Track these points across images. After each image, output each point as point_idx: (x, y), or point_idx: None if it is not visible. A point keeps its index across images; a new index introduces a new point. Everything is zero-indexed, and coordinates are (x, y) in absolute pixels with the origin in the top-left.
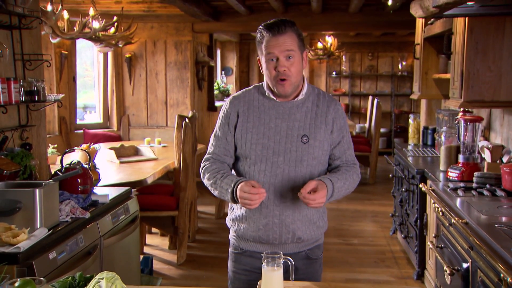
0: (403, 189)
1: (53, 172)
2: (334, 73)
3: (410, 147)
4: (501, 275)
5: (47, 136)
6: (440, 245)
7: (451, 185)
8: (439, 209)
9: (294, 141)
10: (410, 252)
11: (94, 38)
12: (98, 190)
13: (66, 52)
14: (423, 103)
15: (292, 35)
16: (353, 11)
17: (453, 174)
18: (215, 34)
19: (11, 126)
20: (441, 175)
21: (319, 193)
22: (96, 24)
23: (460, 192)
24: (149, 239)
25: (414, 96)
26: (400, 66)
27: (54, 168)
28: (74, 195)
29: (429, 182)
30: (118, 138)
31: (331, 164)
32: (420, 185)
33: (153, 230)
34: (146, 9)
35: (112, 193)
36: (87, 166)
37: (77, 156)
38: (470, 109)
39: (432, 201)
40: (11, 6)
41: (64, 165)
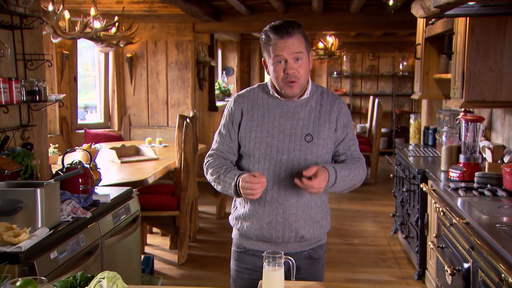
0: (404, 189)
1: (54, 172)
2: (335, 73)
3: (411, 147)
4: (502, 275)
5: (48, 136)
6: (441, 245)
7: (452, 185)
8: (440, 209)
9: (298, 140)
10: (411, 252)
11: (95, 38)
12: (99, 190)
13: (67, 52)
14: (424, 103)
15: (299, 37)
16: (354, 11)
17: (454, 174)
18: (216, 34)
19: (12, 126)
20: (442, 175)
21: (318, 179)
22: (97, 24)
23: (461, 192)
24: (150, 239)
25: (415, 96)
26: (401, 66)
27: (55, 168)
28: (75, 195)
29: (430, 182)
30: (119, 138)
31: (336, 160)
32: (421, 185)
33: (154, 230)
34: (147, 9)
35: (113, 193)
36: (88, 166)
37: (78, 156)
38: (471, 109)
39: (433, 201)
40: (12, 6)
41: (65, 165)
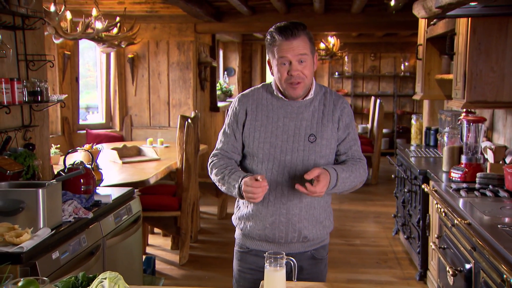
0: (406, 190)
1: (56, 172)
2: (337, 73)
3: (412, 148)
4: (504, 276)
5: (50, 136)
6: (442, 246)
7: (453, 185)
8: (442, 209)
9: (302, 140)
10: (412, 252)
11: (97, 38)
12: (101, 190)
13: (69, 53)
14: (426, 103)
15: (304, 39)
16: (355, 12)
17: (455, 174)
18: (217, 34)
19: (14, 126)
20: (444, 176)
21: (320, 183)
22: (99, 25)
23: (462, 192)
24: (151, 239)
25: (416, 97)
26: (402, 67)
27: (57, 168)
28: (77, 195)
29: (431, 182)
30: (120, 139)
31: (337, 160)
32: (423, 186)
33: (156, 230)
34: (149, 10)
35: (115, 193)
36: (90, 166)
37: (80, 156)
38: (472, 110)
39: (435, 201)
40: (14, 7)
41: (67, 165)
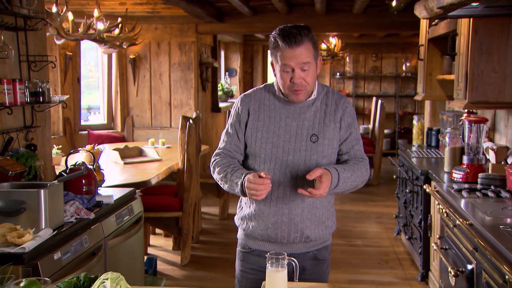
0: (407, 190)
1: (57, 173)
2: (338, 74)
3: (414, 148)
4: (506, 276)
5: (51, 137)
6: (444, 247)
7: (455, 186)
8: (444, 210)
9: (304, 140)
10: (414, 253)
11: (98, 39)
12: (103, 191)
13: (71, 53)
14: (427, 104)
15: (308, 46)
16: (357, 12)
17: (457, 175)
18: (219, 35)
19: (16, 127)
20: (446, 176)
21: (323, 185)
22: (100, 26)
23: (464, 193)
24: (153, 240)
25: (418, 97)
26: (404, 67)
27: (58, 169)
28: (78, 196)
29: (433, 183)
30: (122, 139)
31: (339, 159)
32: (424, 186)
33: (157, 231)
34: (150, 10)
35: (116, 194)
36: (91, 167)
37: (82, 157)
38: (474, 110)
39: (437, 202)
40: (16, 8)
41: (69, 166)
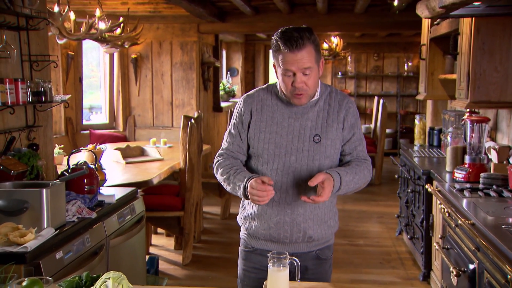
0: (409, 190)
1: (59, 173)
2: (340, 73)
3: (416, 148)
4: (508, 276)
5: (53, 136)
6: (446, 246)
7: (457, 186)
8: (445, 210)
9: (307, 141)
10: (416, 253)
11: (100, 39)
12: (104, 190)
13: (73, 53)
14: (429, 103)
15: (309, 50)
16: (358, 12)
17: (459, 175)
18: (220, 34)
19: (18, 126)
20: (447, 176)
21: (325, 191)
22: (102, 25)
23: (466, 193)
24: (154, 239)
25: (420, 97)
26: (406, 67)
27: (60, 169)
28: (80, 195)
29: (435, 183)
30: (124, 139)
31: (342, 160)
32: (426, 186)
33: (159, 230)
34: (152, 10)
35: (118, 193)
36: (93, 166)
37: (83, 156)
38: (476, 110)
39: (438, 202)
40: (18, 8)
41: (71, 166)
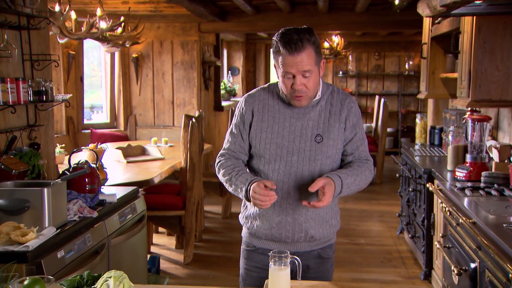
0: (410, 189)
1: (61, 172)
2: (341, 72)
3: (417, 147)
4: (510, 275)
5: (54, 135)
6: (447, 245)
7: (458, 184)
8: (447, 208)
9: (308, 141)
10: (417, 252)
11: (101, 38)
12: (106, 189)
13: (74, 52)
14: (430, 102)
15: (309, 52)
16: (359, 11)
17: (460, 173)
18: (221, 34)
19: (19, 126)
20: (449, 175)
21: (326, 196)
22: (103, 24)
23: (467, 191)
24: (156, 238)
25: (421, 96)
26: (407, 66)
27: (61, 168)
28: (81, 195)
29: (436, 181)
30: (125, 138)
31: (344, 160)
32: (427, 185)
33: (160, 229)
34: (153, 9)
35: (119, 192)
36: (94, 165)
37: (85, 155)
38: (477, 109)
39: (440, 200)
40: (19, 7)
41: (72, 165)
